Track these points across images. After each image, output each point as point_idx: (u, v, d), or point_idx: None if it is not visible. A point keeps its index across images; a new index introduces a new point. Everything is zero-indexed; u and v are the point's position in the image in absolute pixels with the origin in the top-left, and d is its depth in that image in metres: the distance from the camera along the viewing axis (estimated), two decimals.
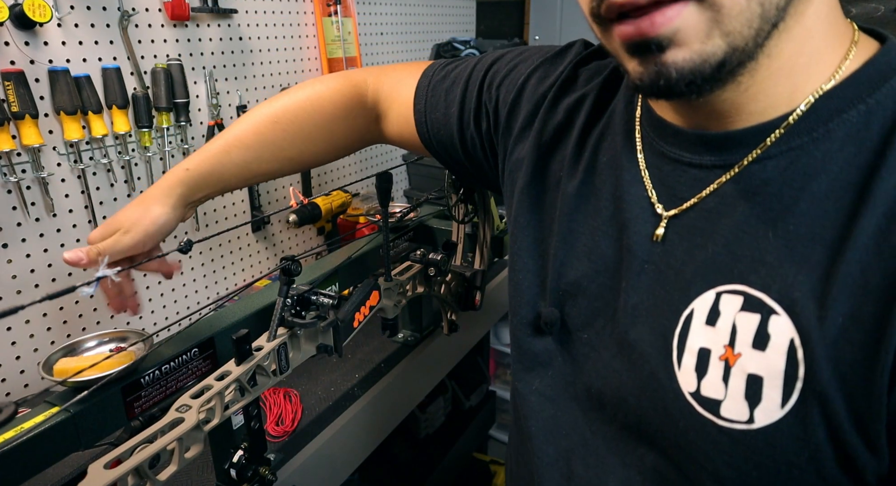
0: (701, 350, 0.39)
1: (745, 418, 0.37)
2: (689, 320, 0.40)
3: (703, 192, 0.41)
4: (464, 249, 1.08)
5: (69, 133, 0.96)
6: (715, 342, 0.39)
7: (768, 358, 0.36)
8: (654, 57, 0.35)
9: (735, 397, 0.38)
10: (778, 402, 0.36)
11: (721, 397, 0.38)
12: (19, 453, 0.51)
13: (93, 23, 0.99)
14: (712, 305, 0.39)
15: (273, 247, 1.44)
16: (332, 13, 1.47)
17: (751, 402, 0.37)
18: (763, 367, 0.37)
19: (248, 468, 0.68)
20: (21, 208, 0.94)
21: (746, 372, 0.37)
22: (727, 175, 0.40)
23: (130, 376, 0.60)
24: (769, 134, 0.38)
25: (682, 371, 0.40)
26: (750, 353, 0.37)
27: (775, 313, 0.36)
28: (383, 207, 0.78)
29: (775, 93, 0.38)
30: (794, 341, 0.35)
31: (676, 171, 0.43)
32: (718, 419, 0.38)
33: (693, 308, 0.40)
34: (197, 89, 1.18)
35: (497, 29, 2.13)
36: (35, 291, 0.97)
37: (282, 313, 0.65)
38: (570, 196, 0.51)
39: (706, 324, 0.39)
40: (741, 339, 0.38)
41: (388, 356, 1.09)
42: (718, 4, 0.33)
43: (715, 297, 0.39)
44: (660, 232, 0.44)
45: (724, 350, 0.38)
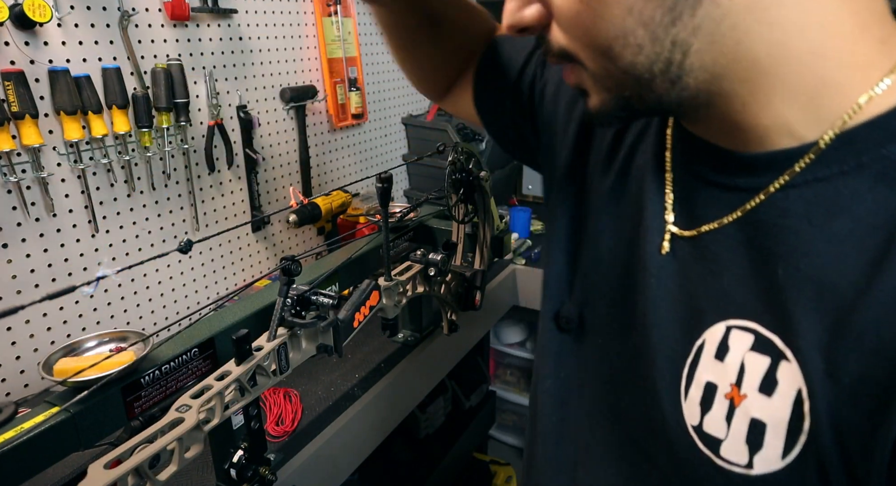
0: (707, 384, 0.38)
1: (744, 462, 0.36)
2: (700, 351, 0.39)
3: (726, 217, 0.39)
4: (464, 249, 1.08)
5: (69, 133, 0.96)
6: (722, 379, 0.37)
7: (774, 405, 0.35)
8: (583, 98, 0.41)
9: (736, 439, 0.36)
10: (779, 452, 0.34)
11: (722, 436, 0.37)
12: (19, 453, 0.51)
13: (93, 23, 0.99)
14: (721, 338, 0.38)
15: (273, 247, 1.44)
16: (332, 13, 1.47)
17: (751, 447, 0.35)
18: (768, 413, 0.35)
19: (248, 468, 0.68)
20: (21, 208, 0.94)
21: (750, 416, 0.36)
22: (752, 202, 0.38)
23: (130, 376, 0.60)
24: (797, 159, 0.35)
25: (688, 403, 0.39)
26: (756, 396, 0.35)
27: (786, 358, 0.34)
28: (383, 208, 0.78)
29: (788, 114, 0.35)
30: (801, 392, 0.33)
31: (700, 189, 0.42)
32: (717, 459, 0.37)
33: (704, 339, 0.39)
34: (197, 89, 1.18)
35: None
36: (35, 291, 0.97)
37: (282, 313, 0.65)
38: (601, 195, 0.51)
39: (715, 358, 0.38)
40: (748, 380, 0.36)
41: (388, 356, 1.09)
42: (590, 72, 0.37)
43: (725, 330, 0.38)
44: (665, 245, 0.43)
45: (731, 389, 0.37)
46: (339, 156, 1.63)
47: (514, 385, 2.00)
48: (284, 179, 1.44)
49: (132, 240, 1.12)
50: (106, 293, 1.09)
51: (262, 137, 1.35)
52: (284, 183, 1.44)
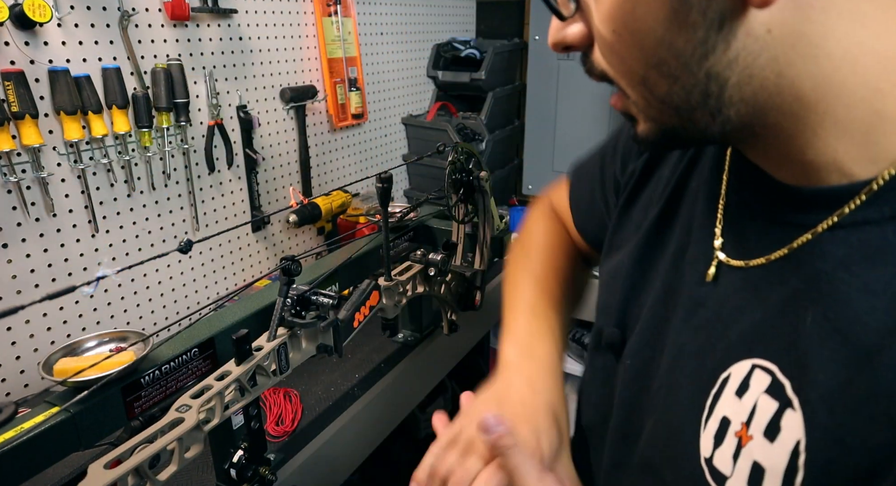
0: (723, 419, 0.38)
1: None
2: (724, 385, 0.38)
3: (773, 253, 0.38)
4: (464, 249, 1.08)
5: (69, 133, 0.96)
6: (736, 416, 0.37)
7: (774, 452, 0.34)
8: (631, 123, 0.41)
9: (739, 479, 0.36)
10: None
11: (728, 473, 0.37)
12: (19, 453, 0.51)
13: (93, 23, 0.99)
14: (745, 376, 0.37)
15: (273, 247, 1.44)
16: (332, 13, 1.47)
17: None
18: (767, 459, 0.34)
19: (248, 468, 0.68)
20: (21, 208, 0.94)
21: (753, 458, 0.35)
22: (799, 240, 0.36)
23: (130, 376, 0.60)
24: (848, 199, 0.33)
25: (705, 434, 0.39)
26: (760, 440, 0.35)
27: (791, 406, 0.33)
28: (383, 208, 0.78)
29: (839, 149, 0.33)
30: (799, 444, 0.33)
31: (750, 219, 0.41)
32: None
33: (730, 373, 0.38)
34: (197, 89, 1.18)
35: (497, 29, 2.13)
36: (35, 291, 0.97)
37: (282, 313, 0.65)
38: (650, 221, 0.51)
39: (735, 394, 0.37)
40: (757, 422, 0.35)
41: (388, 356, 1.09)
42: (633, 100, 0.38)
43: (750, 368, 0.37)
44: (711, 272, 0.42)
45: (741, 427, 0.36)
46: (339, 156, 1.63)
47: None
48: (284, 179, 1.44)
49: (132, 240, 1.12)
50: (106, 293, 1.09)
51: (262, 137, 1.35)
52: (284, 183, 1.44)
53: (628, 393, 0.49)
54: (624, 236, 0.55)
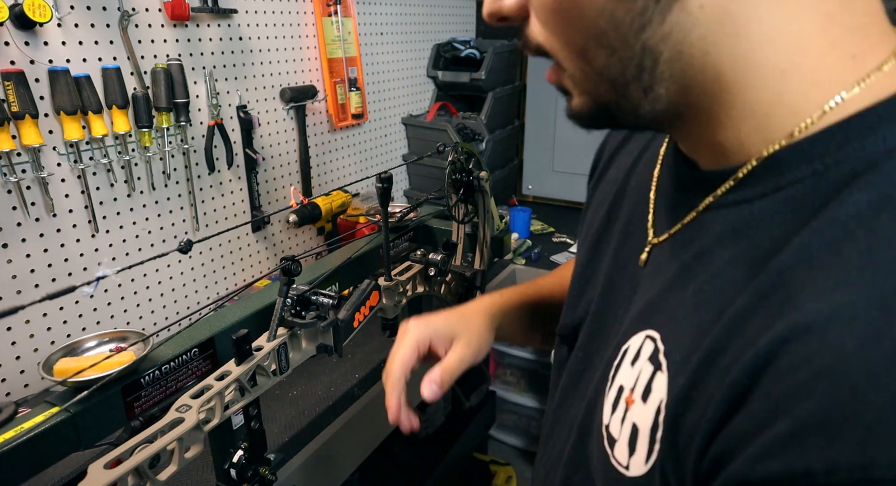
0: (619, 387, 0.40)
1: (625, 463, 0.38)
2: (624, 356, 0.41)
3: (675, 226, 0.40)
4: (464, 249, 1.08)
5: (69, 133, 0.96)
6: (628, 383, 0.39)
7: (645, 412, 0.36)
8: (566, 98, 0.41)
9: (623, 442, 0.38)
10: (643, 458, 0.36)
11: (617, 436, 0.39)
12: (19, 453, 0.51)
13: (93, 23, 0.99)
14: (639, 346, 0.39)
15: (273, 247, 1.44)
16: (332, 13, 1.47)
17: (630, 450, 0.37)
18: (641, 419, 0.36)
19: (248, 468, 0.68)
20: (21, 208, 0.94)
21: (633, 420, 0.37)
22: (686, 218, 0.39)
23: (130, 376, 0.60)
24: (727, 179, 0.35)
25: (606, 403, 0.41)
26: (639, 403, 0.37)
27: (661, 369, 0.36)
28: (383, 208, 0.78)
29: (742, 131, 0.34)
30: (661, 403, 0.35)
31: (670, 202, 0.43)
32: (612, 458, 0.39)
33: (629, 345, 0.40)
34: (197, 89, 1.18)
35: (497, 29, 2.13)
36: (35, 291, 0.97)
37: (282, 313, 0.65)
38: (598, 222, 0.53)
39: (630, 364, 0.39)
40: (638, 386, 0.38)
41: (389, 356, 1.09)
42: (567, 72, 0.37)
43: (643, 339, 0.39)
44: (643, 257, 0.44)
45: (629, 393, 0.39)
46: (339, 156, 1.63)
47: (515, 385, 2.00)
48: (284, 179, 1.44)
49: (132, 240, 1.12)
50: (106, 293, 1.09)
51: (262, 137, 1.35)
52: (284, 183, 1.44)
53: (568, 380, 0.51)
54: (581, 239, 0.58)
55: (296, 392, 0.99)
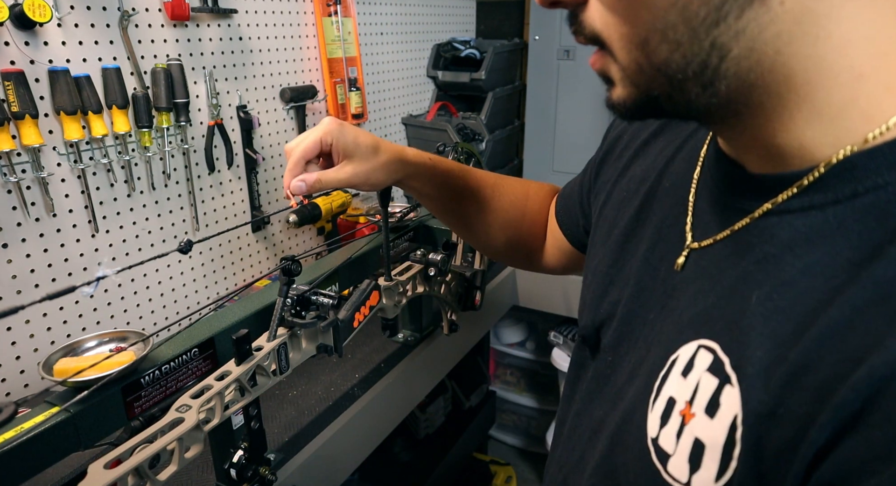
0: (669, 399, 0.38)
1: (684, 480, 0.36)
2: (672, 366, 0.39)
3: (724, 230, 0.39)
4: (464, 249, 1.08)
5: (69, 133, 0.96)
6: (681, 395, 0.38)
7: (714, 428, 0.34)
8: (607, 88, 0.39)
9: (681, 457, 0.36)
10: (713, 475, 0.34)
11: (671, 451, 0.37)
12: (19, 453, 0.51)
13: (93, 23, 0.99)
14: (691, 356, 0.38)
15: (273, 247, 1.44)
16: (332, 13, 1.47)
17: (692, 466, 0.35)
18: (708, 435, 0.35)
19: (248, 467, 0.68)
20: (21, 208, 0.94)
21: (694, 435, 0.36)
22: (741, 222, 0.38)
23: (130, 376, 0.60)
24: (794, 183, 0.34)
25: (652, 415, 0.39)
26: (701, 416, 0.35)
27: (730, 382, 0.34)
28: (383, 208, 0.78)
29: (807, 134, 0.33)
30: (736, 418, 0.33)
31: (715, 206, 0.41)
32: (665, 473, 0.37)
33: (679, 355, 0.39)
34: (197, 89, 1.18)
35: (497, 29, 2.13)
36: (35, 291, 0.97)
37: (282, 313, 0.65)
38: (626, 220, 0.52)
39: (681, 374, 0.38)
40: (699, 400, 0.36)
41: (388, 356, 1.09)
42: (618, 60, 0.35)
43: (696, 349, 0.38)
44: (680, 261, 0.43)
45: (685, 406, 0.37)
46: None
47: (514, 385, 2.00)
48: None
49: (132, 240, 1.12)
50: (106, 293, 1.09)
51: (262, 137, 1.35)
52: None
53: (593, 384, 0.50)
54: (600, 235, 0.56)
55: (296, 392, 0.99)
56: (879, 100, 0.31)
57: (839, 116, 0.32)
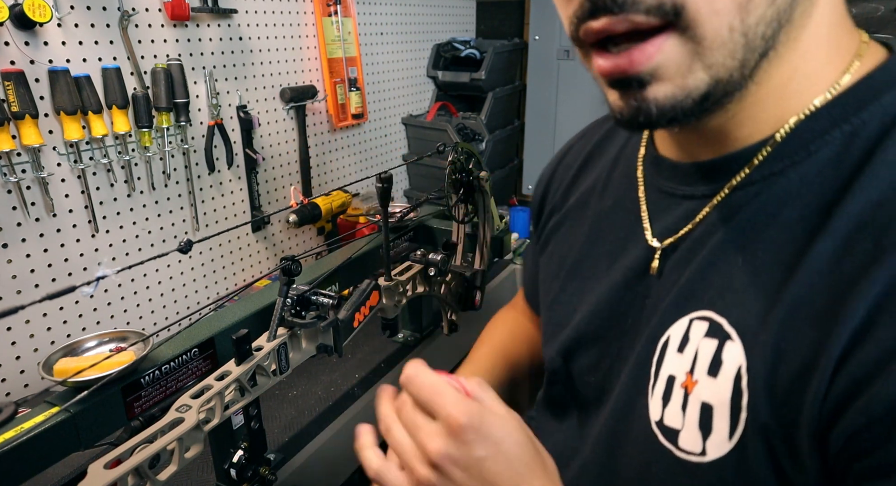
0: (669, 378, 0.38)
1: (698, 449, 0.36)
2: (665, 347, 0.39)
3: (690, 223, 0.41)
4: (464, 249, 1.08)
5: (69, 133, 0.96)
6: (680, 369, 0.38)
7: (719, 385, 0.35)
8: (634, 92, 0.34)
9: (691, 427, 0.36)
10: (726, 433, 0.34)
11: (679, 426, 0.37)
12: (19, 453, 0.51)
13: (93, 23, 0.99)
14: (685, 331, 0.38)
15: (273, 247, 1.44)
16: (332, 13, 1.47)
17: (703, 432, 0.35)
18: (714, 395, 0.35)
19: (248, 467, 0.68)
20: (21, 208, 0.94)
21: (701, 400, 0.36)
22: (714, 201, 0.39)
23: (130, 376, 0.60)
24: (752, 158, 0.37)
25: (653, 399, 0.39)
26: (705, 380, 0.36)
27: (730, 338, 0.35)
28: (383, 208, 0.78)
29: (763, 118, 0.36)
30: (741, 369, 0.34)
31: (672, 204, 0.43)
32: (677, 450, 0.37)
33: (669, 335, 0.39)
34: (197, 89, 1.18)
35: (497, 29, 2.13)
36: (35, 291, 0.97)
37: (282, 313, 0.65)
38: (579, 246, 0.51)
39: (677, 351, 0.38)
40: (700, 365, 0.36)
41: (388, 356, 1.09)
42: (700, 36, 0.31)
43: (688, 324, 0.38)
44: (654, 265, 0.43)
45: (686, 377, 0.37)
46: (339, 156, 1.63)
47: None
48: (284, 179, 1.44)
49: (132, 240, 1.12)
50: (106, 293, 1.09)
51: (262, 137, 1.35)
52: (284, 183, 1.44)
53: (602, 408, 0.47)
54: (551, 270, 0.55)
55: (296, 392, 0.99)
56: (818, 72, 0.35)
57: (785, 92, 0.35)
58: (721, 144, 0.39)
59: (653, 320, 0.42)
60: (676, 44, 0.31)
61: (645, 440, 0.39)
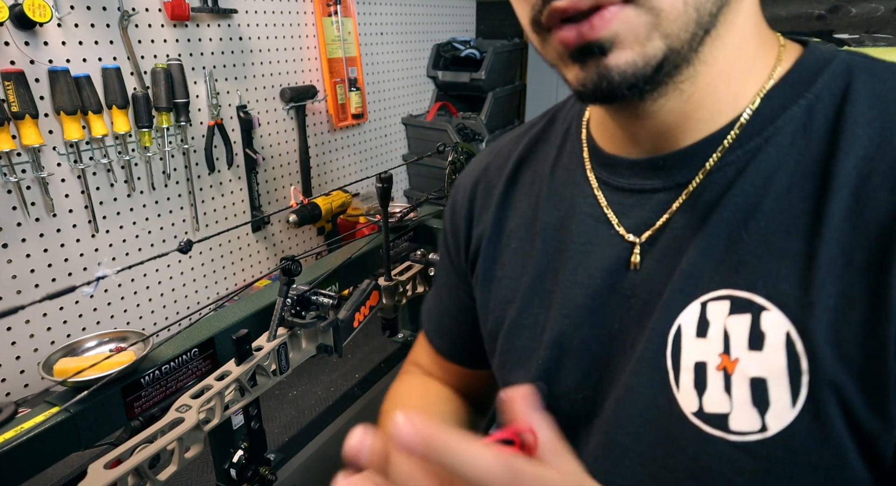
0: (697, 365, 0.37)
1: (757, 427, 0.35)
2: (679, 337, 0.38)
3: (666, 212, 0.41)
4: None
5: (69, 133, 0.96)
6: (709, 353, 0.37)
7: (767, 357, 0.35)
8: (595, 61, 0.35)
9: (742, 407, 0.35)
10: (788, 402, 0.34)
11: (727, 409, 0.36)
12: (19, 453, 0.51)
13: (93, 23, 0.99)
14: (700, 316, 0.38)
15: (273, 247, 1.44)
16: (332, 13, 1.47)
17: (760, 408, 0.35)
18: (764, 367, 0.35)
19: (248, 467, 0.68)
20: (21, 208, 0.94)
21: (748, 377, 0.35)
22: (689, 188, 0.40)
23: (130, 376, 0.60)
24: (722, 141, 0.39)
25: (682, 392, 0.38)
26: (747, 355, 0.35)
27: (765, 309, 0.35)
28: (383, 208, 0.78)
29: (718, 98, 0.39)
30: (790, 334, 0.34)
31: (640, 200, 0.42)
32: (729, 435, 0.35)
33: (679, 324, 0.38)
34: (197, 89, 1.18)
35: (497, 29, 2.13)
36: (35, 291, 0.97)
37: (282, 313, 0.65)
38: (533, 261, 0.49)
39: (697, 337, 0.37)
40: (736, 343, 0.36)
41: (388, 356, 1.09)
42: (658, 8, 0.33)
43: (700, 307, 0.38)
44: (636, 259, 0.42)
45: (721, 359, 0.36)
46: (339, 156, 1.63)
47: None
48: (284, 179, 1.44)
49: (132, 240, 1.12)
50: (106, 293, 1.09)
51: (262, 137, 1.35)
52: (284, 183, 1.44)
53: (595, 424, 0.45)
54: (502, 296, 0.51)
55: (296, 392, 0.99)
56: (756, 59, 0.39)
57: (732, 74, 0.39)
58: (684, 130, 0.40)
59: (651, 315, 0.40)
60: (635, 14, 0.34)
61: (684, 435, 0.38)
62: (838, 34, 1.04)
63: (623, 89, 0.35)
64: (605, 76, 0.35)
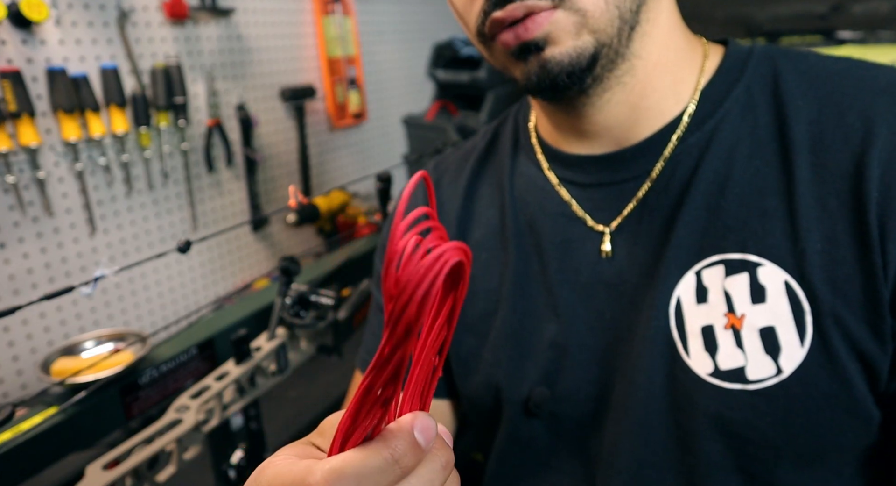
0: (704, 329, 0.40)
1: (773, 372, 0.38)
2: (680, 308, 0.41)
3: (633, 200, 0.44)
4: None
5: (67, 132, 0.95)
6: (713, 315, 0.40)
7: (771, 307, 0.38)
8: (535, 56, 0.40)
9: (757, 356, 0.38)
10: (797, 342, 0.37)
11: (742, 363, 0.38)
12: (17, 454, 0.51)
13: (91, 21, 0.98)
14: (696, 284, 0.40)
15: (272, 247, 1.44)
16: (331, 12, 1.47)
17: (773, 354, 0.38)
18: (770, 316, 0.38)
19: (247, 469, 0.68)
20: (18, 208, 0.93)
21: (757, 328, 0.38)
22: (651, 176, 0.43)
23: (129, 376, 0.60)
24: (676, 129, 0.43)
25: (693, 358, 0.40)
26: (752, 309, 0.39)
27: (760, 265, 0.39)
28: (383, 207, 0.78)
29: (660, 87, 0.43)
30: (788, 282, 0.38)
31: (607, 193, 0.45)
32: (748, 385, 0.38)
33: (678, 296, 0.41)
34: (195, 89, 1.18)
35: None
36: (32, 291, 0.97)
37: (281, 314, 0.64)
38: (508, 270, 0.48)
39: (698, 304, 0.40)
40: (739, 301, 0.39)
41: None
42: (583, 10, 0.38)
43: (696, 277, 0.41)
44: (606, 247, 0.44)
45: (727, 319, 0.39)
46: (339, 155, 1.62)
47: None
48: (284, 178, 1.43)
49: (130, 240, 1.11)
50: (104, 293, 1.08)
51: (260, 137, 1.35)
52: (284, 183, 1.44)
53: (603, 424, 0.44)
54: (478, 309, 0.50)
55: (295, 393, 0.99)
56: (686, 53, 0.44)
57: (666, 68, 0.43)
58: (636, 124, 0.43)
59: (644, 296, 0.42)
60: (564, 16, 0.38)
61: (705, 395, 0.39)
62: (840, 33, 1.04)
63: (563, 77, 0.40)
64: (544, 67, 0.40)
